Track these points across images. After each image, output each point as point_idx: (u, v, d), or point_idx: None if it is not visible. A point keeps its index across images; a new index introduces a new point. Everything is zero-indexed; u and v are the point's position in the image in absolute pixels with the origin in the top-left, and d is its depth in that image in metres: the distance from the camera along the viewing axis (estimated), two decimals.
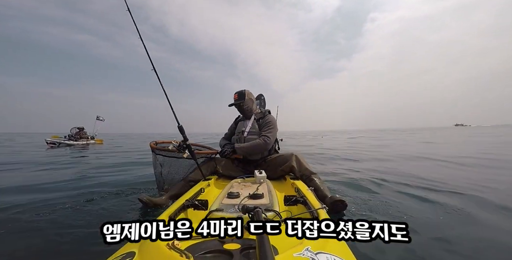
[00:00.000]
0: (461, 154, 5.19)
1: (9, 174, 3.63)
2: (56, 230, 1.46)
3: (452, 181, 2.59)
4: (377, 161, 4.58)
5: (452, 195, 2.09)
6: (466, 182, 2.57)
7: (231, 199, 1.17)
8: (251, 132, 2.06)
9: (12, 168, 4.14)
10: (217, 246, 0.66)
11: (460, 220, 1.55)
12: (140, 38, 1.79)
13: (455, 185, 2.43)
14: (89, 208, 1.84)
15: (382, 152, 6.31)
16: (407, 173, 3.20)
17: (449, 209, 1.71)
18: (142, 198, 1.71)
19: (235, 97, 2.13)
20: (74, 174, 3.49)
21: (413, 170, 3.39)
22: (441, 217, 1.59)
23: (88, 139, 14.06)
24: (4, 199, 2.07)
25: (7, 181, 2.97)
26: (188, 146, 1.75)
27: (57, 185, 2.69)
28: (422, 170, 3.38)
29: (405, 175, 3.07)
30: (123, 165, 4.31)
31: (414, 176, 2.98)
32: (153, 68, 1.75)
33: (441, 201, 1.87)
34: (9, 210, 1.79)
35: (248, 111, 2.13)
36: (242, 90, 2.14)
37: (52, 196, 2.19)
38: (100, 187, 2.52)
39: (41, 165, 4.54)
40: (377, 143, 10.45)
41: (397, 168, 3.59)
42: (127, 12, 1.78)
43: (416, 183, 2.53)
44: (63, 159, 5.76)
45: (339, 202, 1.54)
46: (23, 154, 7.05)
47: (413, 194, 2.11)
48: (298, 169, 1.84)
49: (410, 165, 4.02)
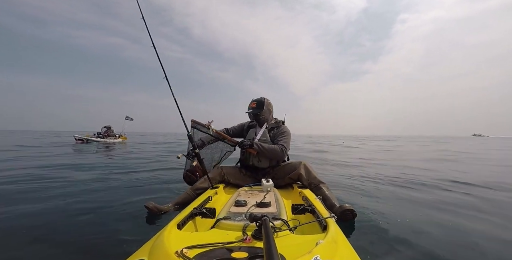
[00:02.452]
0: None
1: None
2: (63, 235, 1.48)
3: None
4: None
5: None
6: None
7: (238, 207, 1.17)
8: (261, 140, 2.03)
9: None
10: (224, 254, 0.66)
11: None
12: (153, 45, 1.85)
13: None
14: (96, 213, 1.86)
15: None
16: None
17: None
18: (148, 205, 1.72)
19: (253, 105, 2.06)
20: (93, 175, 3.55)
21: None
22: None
23: (116, 137, 14.77)
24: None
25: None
26: (197, 154, 1.77)
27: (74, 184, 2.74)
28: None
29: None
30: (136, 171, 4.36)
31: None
32: (165, 76, 1.81)
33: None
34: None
35: (263, 120, 2.10)
36: (262, 99, 2.07)
37: (54, 200, 2.23)
38: (111, 190, 2.56)
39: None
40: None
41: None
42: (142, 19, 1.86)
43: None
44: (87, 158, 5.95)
45: (349, 212, 1.51)
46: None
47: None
48: (306, 177, 1.82)
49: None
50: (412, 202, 2.19)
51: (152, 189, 2.71)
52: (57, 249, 1.32)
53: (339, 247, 0.69)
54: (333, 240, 0.72)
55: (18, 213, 1.84)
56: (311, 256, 0.58)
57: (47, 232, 1.55)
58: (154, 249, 0.71)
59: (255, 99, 2.11)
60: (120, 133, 15.70)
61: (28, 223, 1.67)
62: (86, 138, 12.65)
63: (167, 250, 0.65)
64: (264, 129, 2.09)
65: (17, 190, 2.53)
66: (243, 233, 0.81)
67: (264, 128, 2.09)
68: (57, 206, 2.15)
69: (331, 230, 0.81)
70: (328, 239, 0.72)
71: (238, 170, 2.06)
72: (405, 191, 2.60)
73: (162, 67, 1.82)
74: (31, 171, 3.65)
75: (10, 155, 5.96)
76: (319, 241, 0.68)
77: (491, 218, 1.76)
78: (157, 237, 0.82)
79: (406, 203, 2.16)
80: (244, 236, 0.77)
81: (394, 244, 1.28)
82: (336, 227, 0.88)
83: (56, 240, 1.43)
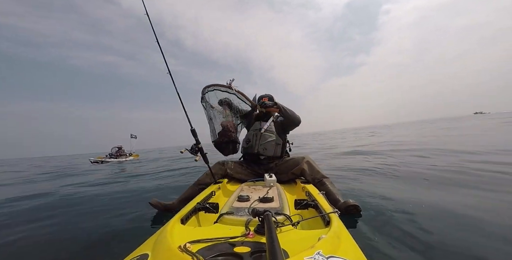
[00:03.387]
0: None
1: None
2: (68, 231, 1.51)
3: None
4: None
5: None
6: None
7: (241, 202, 1.17)
8: (269, 130, 2.08)
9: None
10: (227, 249, 0.66)
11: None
12: (156, 41, 1.84)
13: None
14: (102, 212, 1.89)
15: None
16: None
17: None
18: (152, 202, 1.74)
19: (265, 100, 2.14)
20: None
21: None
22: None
23: (127, 156, 15.11)
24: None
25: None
26: (200, 149, 1.78)
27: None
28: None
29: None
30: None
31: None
32: (169, 71, 1.81)
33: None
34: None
35: (270, 114, 2.18)
36: (270, 95, 2.18)
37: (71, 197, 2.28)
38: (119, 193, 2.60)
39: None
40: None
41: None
42: (145, 16, 1.87)
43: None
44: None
45: (353, 207, 1.51)
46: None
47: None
48: (310, 172, 1.82)
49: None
50: (424, 195, 2.15)
51: (159, 188, 2.76)
52: (62, 244, 1.36)
53: (342, 242, 0.69)
54: (335, 235, 0.72)
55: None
56: (314, 251, 0.57)
57: (52, 230, 1.59)
58: (158, 243, 0.72)
59: (262, 95, 2.19)
60: (130, 152, 16.06)
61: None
62: (100, 159, 12.99)
63: (170, 245, 0.65)
64: (271, 121, 2.13)
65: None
66: (246, 228, 0.81)
67: (271, 120, 2.14)
68: (64, 204, 2.19)
69: (334, 225, 0.81)
70: (331, 234, 0.72)
71: (241, 165, 2.07)
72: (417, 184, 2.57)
73: (166, 63, 1.83)
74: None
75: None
76: (322, 236, 0.68)
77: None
78: (160, 232, 0.83)
79: (416, 196, 2.14)
80: (246, 231, 0.77)
81: (398, 240, 1.28)
82: (339, 222, 0.88)
83: (62, 236, 1.47)
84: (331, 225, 0.83)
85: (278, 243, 0.55)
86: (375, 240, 1.28)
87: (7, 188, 4.20)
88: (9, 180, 5.82)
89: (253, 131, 2.13)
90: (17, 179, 5.81)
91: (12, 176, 6.94)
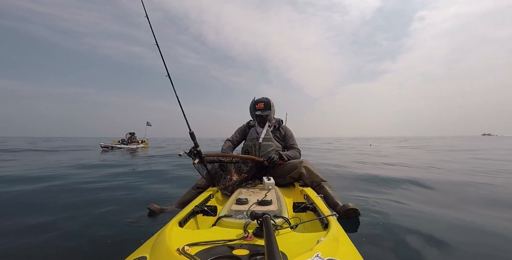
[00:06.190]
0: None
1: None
2: (67, 232, 1.49)
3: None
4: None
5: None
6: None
7: (239, 205, 1.17)
8: (266, 138, 2.07)
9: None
10: (226, 252, 0.66)
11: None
12: (156, 44, 1.84)
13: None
14: (101, 212, 1.87)
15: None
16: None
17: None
18: (151, 207, 1.74)
19: (261, 106, 2.08)
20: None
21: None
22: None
23: (138, 143, 15.21)
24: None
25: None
26: (198, 152, 1.77)
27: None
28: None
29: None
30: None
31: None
32: (168, 74, 1.81)
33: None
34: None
35: (266, 120, 2.14)
36: (267, 99, 2.09)
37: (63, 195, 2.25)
38: (115, 191, 2.58)
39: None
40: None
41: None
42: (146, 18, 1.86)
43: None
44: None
45: (352, 211, 1.51)
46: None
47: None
48: (308, 175, 1.82)
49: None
50: (421, 201, 2.16)
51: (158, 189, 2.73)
52: (59, 247, 1.34)
53: (341, 245, 0.69)
54: (334, 238, 0.72)
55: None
56: (312, 254, 0.57)
57: (50, 230, 1.56)
58: (156, 246, 0.71)
59: (259, 99, 2.14)
60: (143, 139, 16.19)
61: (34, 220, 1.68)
62: (111, 145, 13.16)
63: (169, 247, 0.65)
64: (267, 127, 2.12)
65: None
66: (244, 230, 0.81)
67: (267, 127, 2.13)
68: (60, 204, 2.17)
69: (332, 228, 0.81)
70: (329, 236, 0.72)
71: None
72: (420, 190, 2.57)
73: (165, 66, 1.82)
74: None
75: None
76: (320, 239, 0.68)
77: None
78: (158, 234, 0.82)
79: (415, 202, 2.14)
80: (245, 234, 0.77)
81: (397, 243, 1.28)
82: (338, 225, 0.88)
83: (59, 238, 1.45)
84: (329, 228, 0.83)
85: (277, 245, 0.55)
86: (373, 244, 1.27)
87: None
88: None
89: (251, 141, 2.11)
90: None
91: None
